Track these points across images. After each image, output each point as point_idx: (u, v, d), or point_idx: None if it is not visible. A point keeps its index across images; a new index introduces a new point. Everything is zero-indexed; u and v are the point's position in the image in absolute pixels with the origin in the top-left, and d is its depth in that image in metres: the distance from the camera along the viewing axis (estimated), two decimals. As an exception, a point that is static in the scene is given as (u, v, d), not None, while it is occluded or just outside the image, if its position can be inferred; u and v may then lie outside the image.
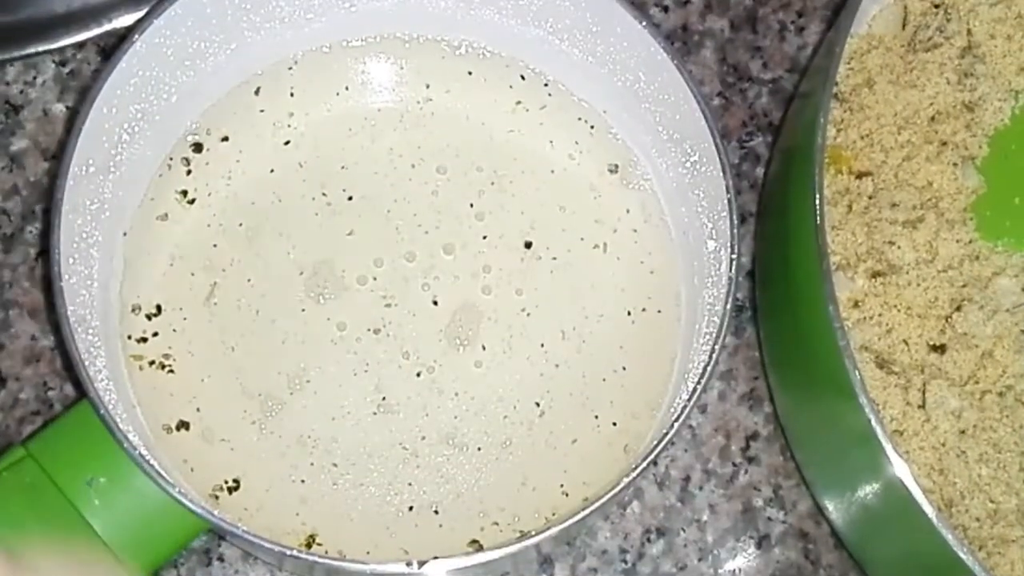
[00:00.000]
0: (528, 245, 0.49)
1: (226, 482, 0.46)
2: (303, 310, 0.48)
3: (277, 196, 0.49)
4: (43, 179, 0.52)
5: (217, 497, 0.46)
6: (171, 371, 0.47)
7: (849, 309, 0.47)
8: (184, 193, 0.49)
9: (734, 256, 0.43)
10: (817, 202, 0.41)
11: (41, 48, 0.53)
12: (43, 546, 0.19)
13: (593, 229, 0.50)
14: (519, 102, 0.51)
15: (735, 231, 0.44)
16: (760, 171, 0.54)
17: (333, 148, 0.50)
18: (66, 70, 0.53)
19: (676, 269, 0.49)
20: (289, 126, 0.50)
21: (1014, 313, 0.47)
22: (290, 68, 0.51)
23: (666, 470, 0.51)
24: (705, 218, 0.47)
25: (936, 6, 0.51)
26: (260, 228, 0.49)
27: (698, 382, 0.42)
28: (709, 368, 0.42)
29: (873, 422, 0.40)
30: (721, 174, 0.44)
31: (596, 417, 0.48)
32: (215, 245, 0.49)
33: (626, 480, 0.40)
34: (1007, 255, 0.48)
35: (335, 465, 0.46)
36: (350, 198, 0.49)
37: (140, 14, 0.50)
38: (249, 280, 0.48)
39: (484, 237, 0.49)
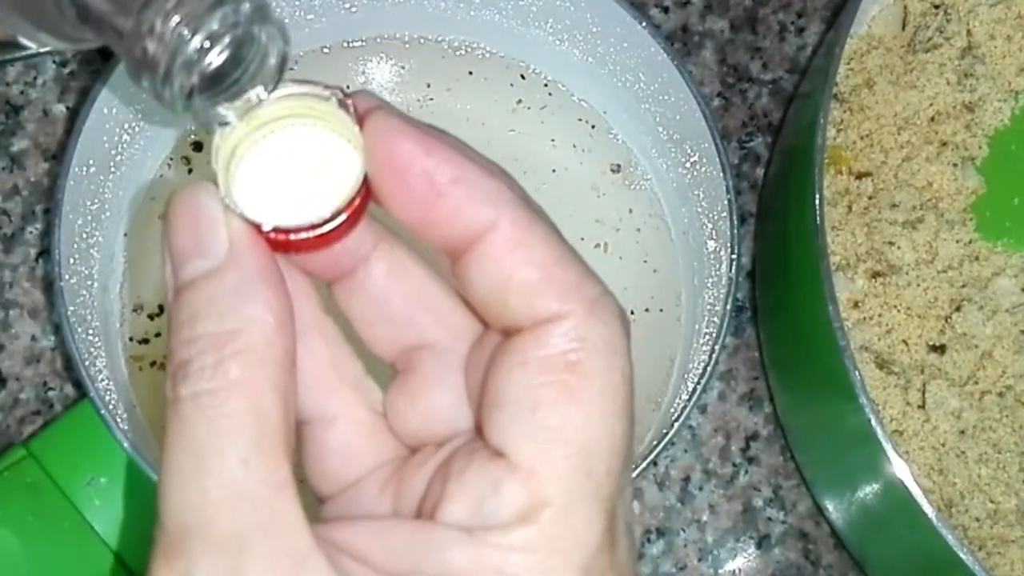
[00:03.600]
0: (528, 245, 0.49)
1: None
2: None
3: (277, 196, 0.49)
4: (43, 179, 0.52)
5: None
6: (171, 371, 0.47)
7: (849, 309, 0.47)
8: (185, 193, 0.49)
9: (734, 256, 0.43)
10: (817, 202, 0.41)
11: (42, 49, 0.53)
12: None
13: (594, 229, 0.50)
14: (520, 101, 0.51)
15: (735, 231, 0.44)
16: (760, 171, 0.54)
17: (334, 148, 0.50)
18: (66, 70, 0.53)
19: (677, 269, 0.49)
20: (289, 126, 0.50)
21: (1014, 313, 0.47)
22: (291, 68, 0.51)
23: (666, 470, 0.51)
24: (705, 218, 0.47)
25: (936, 7, 0.51)
26: (261, 228, 0.49)
27: (698, 382, 0.42)
28: (709, 368, 0.42)
29: (873, 422, 0.40)
30: (721, 174, 0.44)
31: (596, 417, 0.48)
32: (216, 245, 0.49)
33: (626, 480, 0.40)
34: (1007, 255, 0.49)
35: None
36: (351, 198, 0.49)
37: (141, 14, 0.50)
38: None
39: (484, 237, 0.49)
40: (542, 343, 0.22)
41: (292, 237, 0.23)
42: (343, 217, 0.23)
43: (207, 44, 0.22)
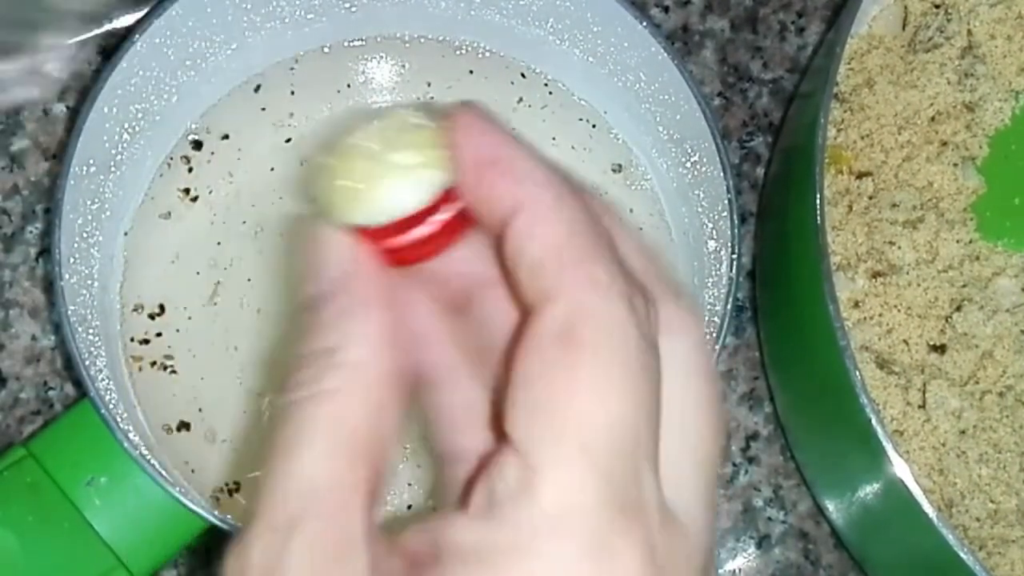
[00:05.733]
0: (528, 245, 0.49)
1: (227, 484, 0.46)
2: (305, 309, 0.48)
3: (279, 194, 0.49)
4: (44, 179, 0.52)
5: (218, 498, 0.46)
6: (173, 371, 0.47)
7: (849, 309, 0.47)
8: (187, 191, 0.49)
9: (734, 256, 0.43)
10: (817, 202, 0.41)
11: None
12: None
13: (594, 229, 0.50)
14: (520, 100, 0.51)
15: (735, 231, 0.44)
16: (760, 171, 0.54)
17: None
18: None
19: (677, 269, 0.49)
20: (290, 124, 0.50)
21: (1014, 313, 0.47)
22: (291, 68, 0.51)
23: (666, 470, 0.51)
24: (705, 218, 0.47)
25: (936, 6, 0.51)
26: (263, 226, 0.49)
27: (699, 382, 0.42)
28: (710, 368, 0.42)
29: (873, 422, 0.40)
30: (721, 174, 0.44)
31: (596, 417, 0.48)
32: (219, 243, 0.49)
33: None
34: (1007, 255, 0.49)
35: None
36: (351, 198, 0.49)
37: (140, 14, 0.50)
38: (250, 279, 0.48)
39: (485, 237, 0.49)
40: (540, 322, 0.23)
41: (399, 240, 0.24)
42: (444, 216, 0.24)
43: None
